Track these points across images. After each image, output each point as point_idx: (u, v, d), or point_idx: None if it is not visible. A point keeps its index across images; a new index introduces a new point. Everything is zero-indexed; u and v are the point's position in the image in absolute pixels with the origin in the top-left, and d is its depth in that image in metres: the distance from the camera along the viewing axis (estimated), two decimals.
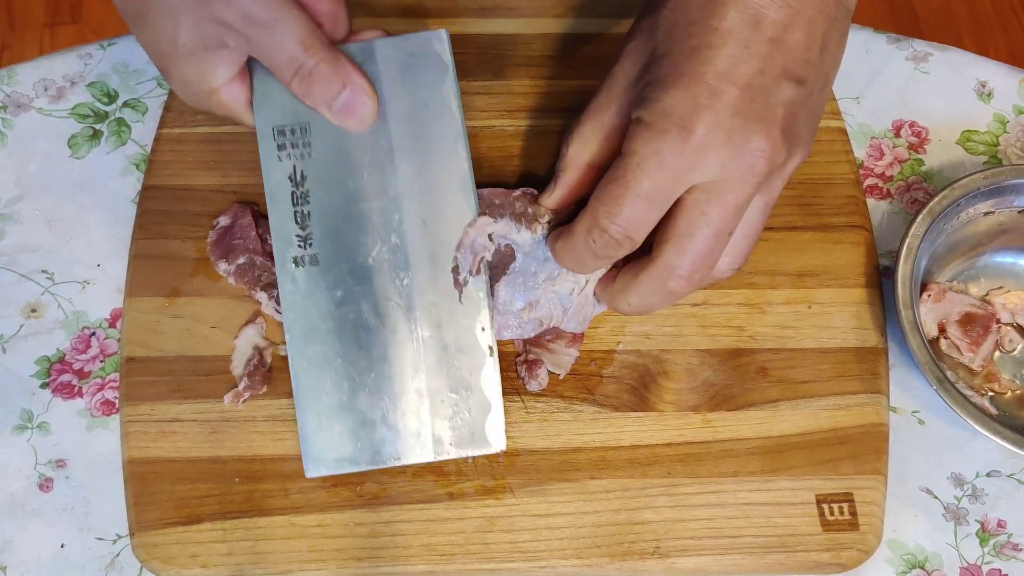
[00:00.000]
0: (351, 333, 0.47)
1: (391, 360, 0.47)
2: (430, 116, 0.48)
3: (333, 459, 0.47)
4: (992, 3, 1.52)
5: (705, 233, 0.42)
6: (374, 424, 0.47)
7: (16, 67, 0.60)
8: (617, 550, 0.49)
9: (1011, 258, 0.57)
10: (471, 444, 0.48)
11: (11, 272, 0.55)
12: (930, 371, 0.51)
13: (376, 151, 0.47)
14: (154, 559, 0.48)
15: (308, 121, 0.47)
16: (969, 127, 0.61)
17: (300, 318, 0.47)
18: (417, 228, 0.47)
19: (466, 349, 0.48)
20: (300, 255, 0.47)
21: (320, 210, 0.47)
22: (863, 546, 0.50)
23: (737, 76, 0.40)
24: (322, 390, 0.47)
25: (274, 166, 0.47)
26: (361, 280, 0.47)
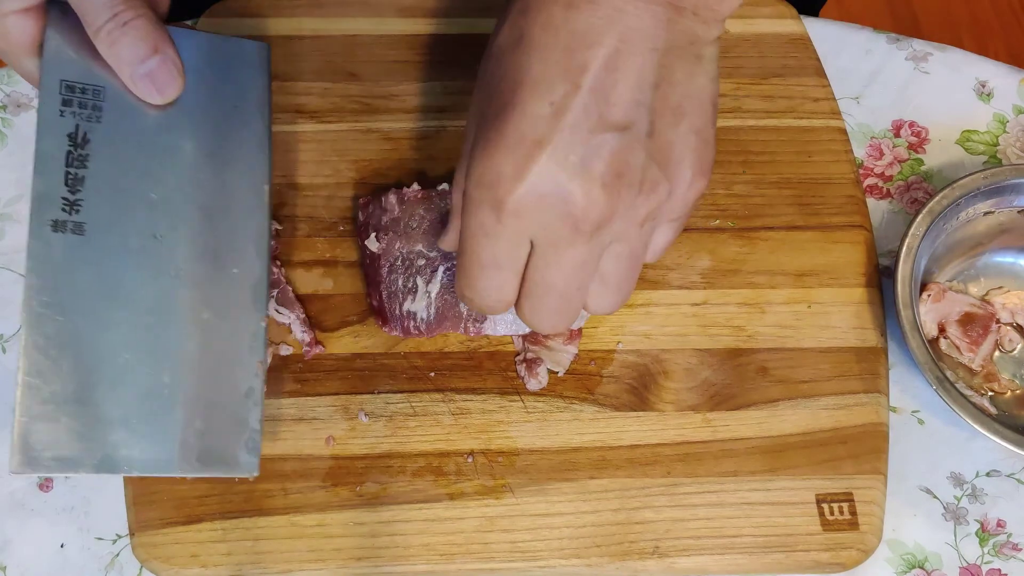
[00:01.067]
0: (105, 317, 0.41)
1: (145, 355, 0.41)
2: (236, 119, 0.45)
3: (51, 457, 0.40)
4: (992, 3, 1.52)
5: (549, 293, 0.41)
6: (111, 423, 0.41)
7: None
8: (617, 550, 0.49)
9: (1011, 258, 0.57)
10: (220, 464, 0.42)
11: (10, 272, 0.55)
12: (930, 371, 0.51)
13: (173, 134, 0.43)
14: (154, 559, 0.48)
15: (103, 86, 0.42)
16: (969, 127, 0.61)
17: (46, 288, 0.41)
18: (200, 222, 0.43)
19: (233, 360, 0.43)
20: (62, 220, 0.41)
21: (97, 180, 0.42)
22: (863, 546, 0.50)
23: (543, 137, 0.37)
24: (55, 374, 0.40)
25: (53, 121, 0.41)
26: (129, 263, 0.42)
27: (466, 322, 0.50)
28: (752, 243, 0.55)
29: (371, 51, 0.59)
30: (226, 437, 0.42)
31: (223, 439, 0.42)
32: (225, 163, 0.44)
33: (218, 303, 0.43)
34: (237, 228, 0.44)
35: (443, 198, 0.51)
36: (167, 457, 0.41)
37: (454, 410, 0.51)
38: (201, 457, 0.42)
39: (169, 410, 0.42)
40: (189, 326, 0.42)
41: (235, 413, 0.43)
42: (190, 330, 0.42)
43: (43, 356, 0.40)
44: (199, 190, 0.43)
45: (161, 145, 0.43)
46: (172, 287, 0.42)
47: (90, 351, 0.41)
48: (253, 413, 0.43)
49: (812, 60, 0.60)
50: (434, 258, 0.50)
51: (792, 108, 0.59)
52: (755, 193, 0.57)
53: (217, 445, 0.42)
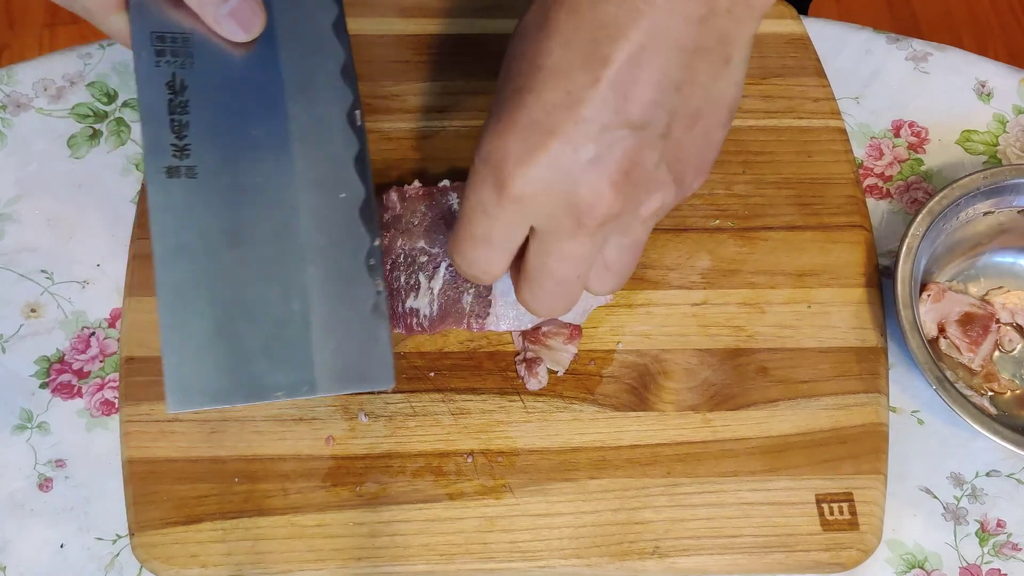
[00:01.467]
0: (230, 254, 0.43)
1: (273, 286, 0.43)
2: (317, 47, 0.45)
3: (203, 392, 0.42)
4: (991, 3, 1.52)
5: (549, 280, 0.41)
6: (252, 355, 0.42)
7: (16, 67, 0.60)
8: (617, 550, 0.49)
9: (1011, 258, 0.57)
10: (358, 380, 0.44)
11: (10, 272, 0.55)
12: (930, 371, 0.51)
13: (261, 69, 0.45)
14: (154, 559, 0.48)
15: (189, 31, 0.44)
16: (969, 127, 0.61)
17: (171, 233, 0.42)
18: (305, 150, 0.44)
19: (354, 281, 0.44)
20: (175, 165, 0.43)
21: (200, 123, 0.43)
22: (863, 546, 0.50)
23: (556, 127, 0.36)
24: (193, 314, 0.42)
25: (151, 72, 0.43)
26: (243, 200, 0.43)
27: (468, 319, 0.50)
28: (752, 243, 0.55)
29: (371, 51, 0.59)
30: (359, 354, 0.44)
31: (357, 356, 0.44)
32: (315, 92, 0.45)
33: (332, 228, 0.44)
34: (337, 154, 0.45)
35: (444, 195, 0.51)
36: (308, 379, 0.43)
37: (454, 410, 0.51)
38: (339, 376, 0.43)
39: (303, 335, 0.43)
40: (309, 253, 0.44)
41: (364, 330, 0.44)
42: (310, 257, 0.43)
43: (178, 298, 0.42)
44: (295, 122, 0.44)
45: (252, 82, 0.44)
46: (287, 218, 0.43)
47: (221, 288, 0.42)
48: (381, 328, 0.44)
49: (812, 60, 0.60)
50: (436, 255, 0.50)
51: (792, 108, 0.59)
52: (755, 193, 0.57)
53: (352, 363, 0.43)
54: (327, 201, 0.44)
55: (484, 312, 0.50)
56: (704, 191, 0.56)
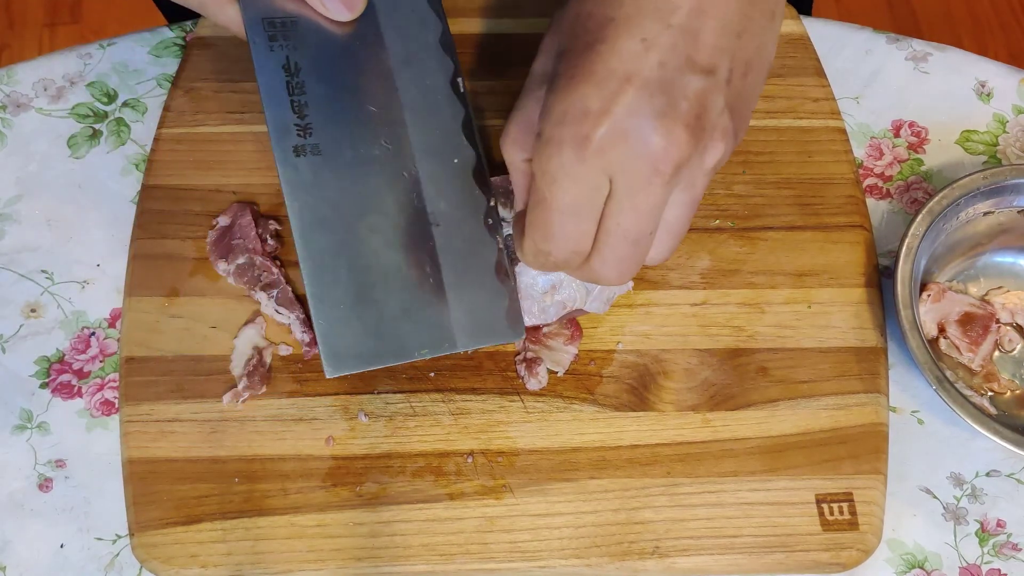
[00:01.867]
0: (362, 224, 0.45)
1: (405, 251, 0.46)
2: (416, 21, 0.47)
3: (355, 356, 0.45)
4: (991, 3, 1.52)
5: (622, 242, 0.41)
6: (394, 317, 0.45)
7: (15, 67, 0.60)
8: (617, 550, 0.49)
9: (1011, 258, 0.57)
10: (491, 334, 0.47)
11: (10, 272, 0.55)
12: (929, 371, 0.51)
13: (366, 46, 0.46)
14: (154, 559, 0.48)
15: (297, 13, 0.46)
16: (968, 127, 0.61)
17: (307, 209, 0.45)
18: (417, 120, 0.46)
19: (476, 241, 0.47)
20: (301, 144, 0.45)
21: (317, 101, 0.45)
22: (863, 546, 0.50)
23: (633, 73, 0.37)
24: (337, 283, 0.45)
25: (267, 57, 0.45)
26: (366, 172, 0.46)
27: None
28: (752, 243, 0.55)
29: None
30: (490, 309, 0.46)
31: (488, 311, 0.46)
32: (419, 63, 0.47)
33: (451, 193, 0.46)
34: (446, 122, 0.47)
35: None
36: (448, 336, 0.46)
37: (454, 410, 0.51)
38: (474, 331, 0.46)
39: (439, 295, 0.46)
40: (433, 218, 0.46)
41: (492, 287, 0.46)
42: (435, 222, 0.46)
43: (321, 269, 0.44)
44: (404, 94, 0.47)
45: (359, 58, 0.46)
46: (410, 187, 0.46)
47: (358, 257, 0.45)
48: (507, 284, 0.47)
49: (812, 60, 0.60)
50: None
51: (792, 108, 0.59)
52: (755, 193, 0.57)
53: (485, 318, 0.46)
54: (443, 167, 0.47)
55: None
56: (701, 192, 0.56)
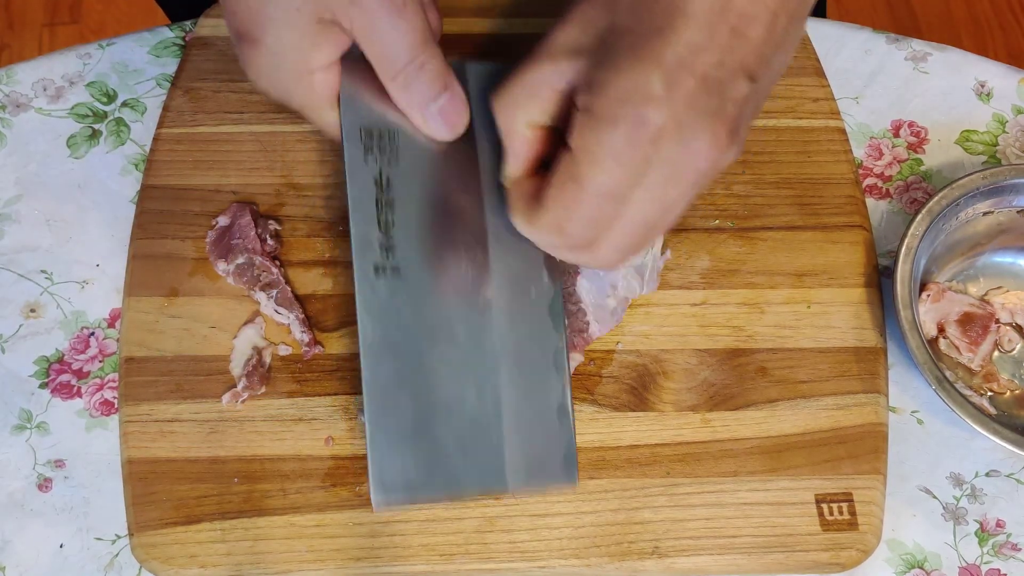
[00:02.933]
0: (430, 353, 0.44)
1: (470, 385, 0.44)
2: None
3: (404, 488, 0.43)
4: (991, 3, 1.53)
5: (639, 230, 0.40)
6: (449, 452, 0.44)
7: (15, 67, 0.60)
8: (616, 550, 0.49)
9: (1010, 258, 0.57)
10: (545, 478, 0.45)
11: (10, 272, 0.55)
12: (929, 371, 0.51)
13: (463, 167, 0.45)
14: (153, 559, 0.48)
15: (396, 127, 0.44)
16: (968, 127, 0.61)
17: (379, 330, 0.43)
18: (497, 250, 0.45)
19: (542, 379, 0.45)
20: (383, 264, 0.44)
21: (405, 220, 0.44)
22: (862, 546, 0.50)
23: (696, 65, 0.37)
24: (398, 412, 0.43)
25: (359, 168, 0.44)
26: (443, 300, 0.44)
27: (573, 338, 0.49)
28: (751, 243, 0.55)
29: None
30: (547, 452, 0.45)
31: (545, 454, 0.45)
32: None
33: (522, 326, 0.45)
34: (528, 250, 0.45)
35: None
36: (499, 477, 0.44)
37: None
38: (528, 475, 0.44)
39: (496, 433, 0.44)
40: (501, 353, 0.45)
41: (551, 428, 0.45)
42: (503, 357, 0.45)
43: (384, 396, 0.43)
44: (492, 218, 0.45)
45: (452, 180, 0.45)
46: (483, 319, 0.45)
47: (423, 386, 0.44)
48: (566, 426, 0.45)
49: (811, 60, 0.60)
50: None
51: (792, 108, 0.59)
52: (755, 193, 0.57)
53: (540, 460, 0.45)
54: (518, 300, 0.45)
55: (584, 325, 0.50)
56: (704, 191, 0.56)
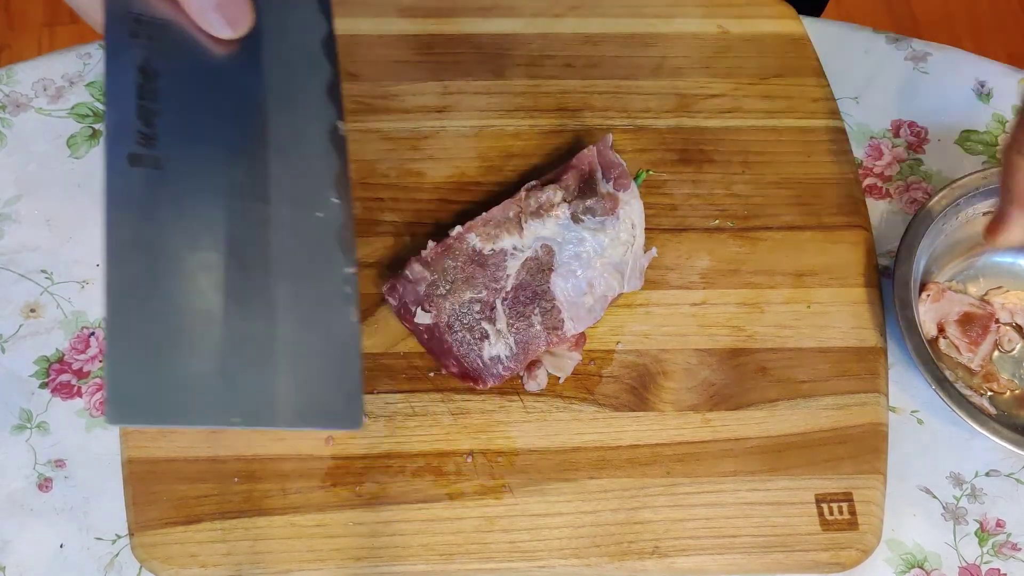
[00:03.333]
0: (190, 259, 0.38)
1: (236, 301, 0.39)
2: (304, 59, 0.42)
3: (148, 408, 0.37)
4: (991, 3, 1.52)
5: None
6: (208, 373, 0.38)
7: (15, 67, 0.60)
8: (616, 550, 0.49)
9: (1010, 258, 0.57)
10: (323, 417, 0.40)
11: (10, 272, 0.55)
12: (929, 371, 0.51)
13: (243, 72, 0.41)
14: (153, 559, 0.48)
15: (168, 19, 0.40)
16: (968, 127, 0.61)
17: (128, 224, 0.37)
18: (279, 165, 0.41)
19: (326, 306, 0.40)
20: (139, 154, 0.38)
21: (170, 116, 0.39)
22: (862, 545, 0.50)
23: None
24: (145, 317, 0.37)
25: (123, 50, 0.39)
26: (211, 204, 0.39)
27: (549, 335, 0.50)
28: (751, 243, 0.55)
29: (371, 51, 0.59)
30: (326, 389, 0.39)
31: (323, 391, 0.39)
32: (298, 104, 0.42)
33: (306, 249, 0.40)
34: (318, 171, 0.41)
35: (462, 240, 0.50)
36: (266, 409, 0.38)
37: (453, 410, 0.51)
38: (302, 411, 0.39)
39: (265, 360, 0.38)
40: (279, 273, 0.40)
41: (333, 364, 0.40)
42: (281, 277, 0.40)
43: (128, 297, 0.37)
44: (274, 132, 0.41)
45: (232, 84, 0.41)
46: (258, 231, 0.40)
47: (179, 294, 0.38)
48: (352, 363, 0.40)
49: (811, 60, 0.60)
50: (486, 297, 0.49)
51: (792, 108, 0.59)
52: (755, 193, 0.57)
53: (318, 398, 0.39)
54: (303, 218, 0.41)
55: (558, 322, 0.50)
56: (704, 191, 0.56)
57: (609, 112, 0.58)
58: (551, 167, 0.54)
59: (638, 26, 0.61)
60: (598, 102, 0.59)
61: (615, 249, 0.50)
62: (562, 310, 0.49)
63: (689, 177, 0.57)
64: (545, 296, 0.50)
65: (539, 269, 0.50)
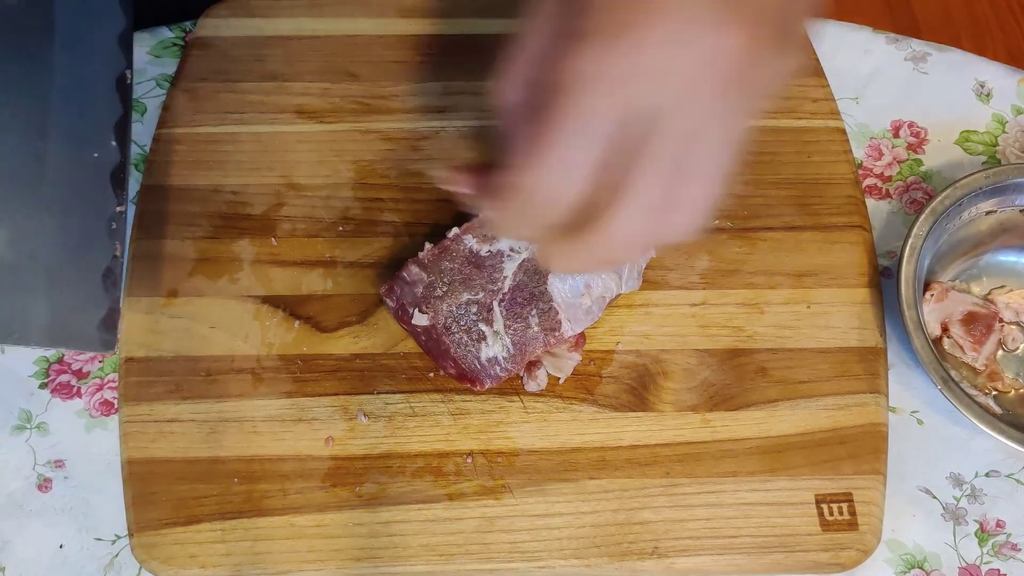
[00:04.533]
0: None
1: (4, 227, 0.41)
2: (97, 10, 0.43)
3: None
4: (990, 3, 1.52)
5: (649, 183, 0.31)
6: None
7: None
8: (616, 550, 0.49)
9: (1013, 257, 0.57)
10: (76, 340, 0.43)
11: None
12: (934, 371, 0.51)
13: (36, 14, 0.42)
14: (153, 559, 0.48)
15: None
16: (968, 127, 0.61)
17: None
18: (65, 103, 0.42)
19: (91, 240, 0.43)
20: None
21: None
22: (862, 546, 0.50)
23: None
24: None
25: None
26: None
27: (546, 337, 0.49)
28: (751, 243, 0.55)
29: (371, 51, 0.59)
30: (82, 314, 0.42)
31: (80, 316, 0.42)
32: (87, 49, 0.43)
33: (77, 185, 0.43)
34: (100, 114, 0.43)
35: (459, 241, 0.50)
36: (22, 326, 0.41)
37: (453, 410, 0.51)
38: (56, 331, 0.42)
39: (23, 279, 0.41)
40: (49, 203, 0.42)
41: (92, 291, 0.42)
42: (49, 207, 0.42)
43: None
44: (60, 73, 0.43)
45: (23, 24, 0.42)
46: (30, 165, 0.42)
47: None
48: (111, 293, 0.43)
49: (811, 60, 0.60)
50: (483, 299, 0.49)
51: (791, 108, 0.59)
52: (755, 193, 0.57)
53: (73, 321, 0.42)
54: (77, 156, 0.43)
55: (556, 324, 0.50)
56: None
57: None
58: None
59: None
60: None
61: None
62: (559, 311, 0.49)
63: None
64: (542, 298, 0.49)
65: (536, 271, 0.49)
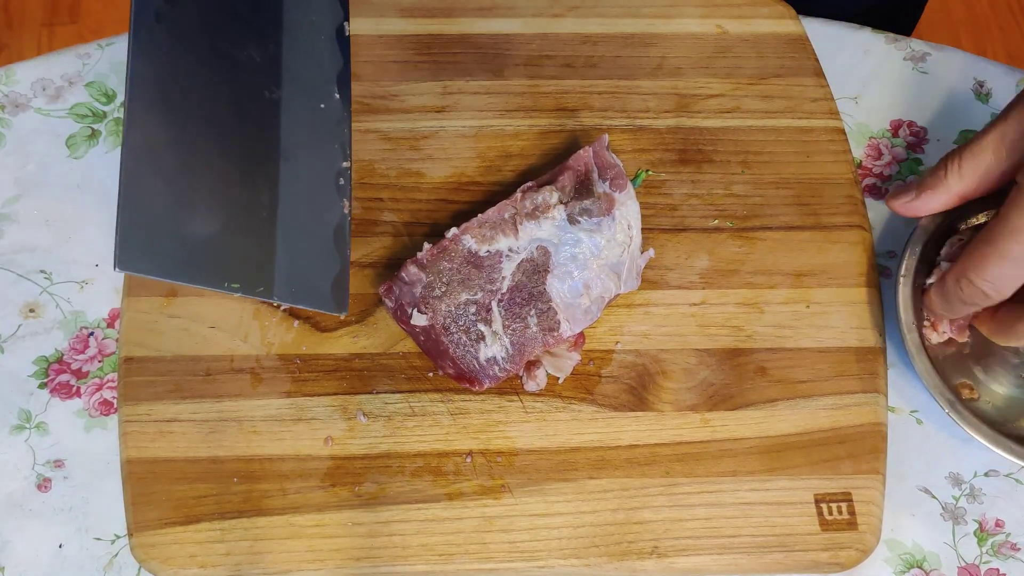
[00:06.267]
0: (208, 123, 0.39)
1: (245, 171, 0.40)
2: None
3: (154, 259, 0.38)
4: (990, 3, 1.53)
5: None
6: (215, 235, 0.39)
7: (14, 67, 0.60)
8: (615, 550, 0.49)
9: None
10: (313, 297, 0.42)
11: (9, 272, 0.55)
12: (926, 374, 0.50)
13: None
14: (152, 559, 0.48)
15: None
16: (967, 127, 0.61)
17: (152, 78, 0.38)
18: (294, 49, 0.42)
19: (322, 196, 0.42)
20: (167, 12, 0.39)
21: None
22: (861, 546, 0.50)
23: None
24: (160, 171, 0.38)
25: None
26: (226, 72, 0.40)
27: (545, 337, 0.49)
28: (751, 243, 0.55)
29: (371, 51, 0.59)
30: (317, 272, 0.41)
31: (316, 274, 0.41)
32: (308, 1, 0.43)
33: (308, 136, 0.42)
34: (323, 64, 0.43)
35: (457, 242, 0.50)
36: (266, 281, 0.40)
37: (452, 410, 0.51)
38: (296, 288, 0.41)
39: (268, 235, 0.40)
40: (284, 152, 0.41)
41: (326, 249, 0.42)
42: (285, 156, 0.41)
43: (147, 149, 0.38)
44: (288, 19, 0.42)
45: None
46: (268, 109, 0.41)
47: (194, 156, 0.39)
48: (343, 252, 0.42)
49: (810, 60, 0.60)
50: (482, 299, 0.49)
51: (791, 108, 0.59)
52: (754, 193, 0.57)
53: (311, 278, 0.41)
54: (308, 107, 0.42)
55: (555, 324, 0.50)
56: (703, 191, 0.56)
57: (608, 112, 0.58)
58: (550, 167, 0.54)
59: (637, 26, 0.61)
60: (597, 102, 0.59)
61: (611, 250, 0.50)
62: (558, 311, 0.49)
63: (688, 177, 0.57)
64: (541, 298, 0.49)
65: (535, 271, 0.49)
